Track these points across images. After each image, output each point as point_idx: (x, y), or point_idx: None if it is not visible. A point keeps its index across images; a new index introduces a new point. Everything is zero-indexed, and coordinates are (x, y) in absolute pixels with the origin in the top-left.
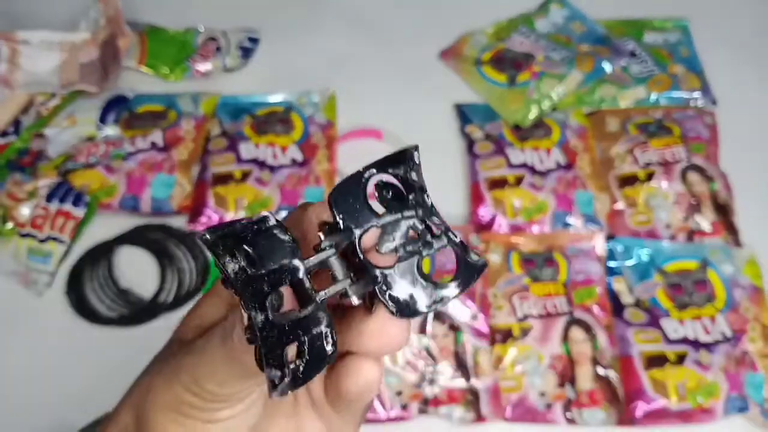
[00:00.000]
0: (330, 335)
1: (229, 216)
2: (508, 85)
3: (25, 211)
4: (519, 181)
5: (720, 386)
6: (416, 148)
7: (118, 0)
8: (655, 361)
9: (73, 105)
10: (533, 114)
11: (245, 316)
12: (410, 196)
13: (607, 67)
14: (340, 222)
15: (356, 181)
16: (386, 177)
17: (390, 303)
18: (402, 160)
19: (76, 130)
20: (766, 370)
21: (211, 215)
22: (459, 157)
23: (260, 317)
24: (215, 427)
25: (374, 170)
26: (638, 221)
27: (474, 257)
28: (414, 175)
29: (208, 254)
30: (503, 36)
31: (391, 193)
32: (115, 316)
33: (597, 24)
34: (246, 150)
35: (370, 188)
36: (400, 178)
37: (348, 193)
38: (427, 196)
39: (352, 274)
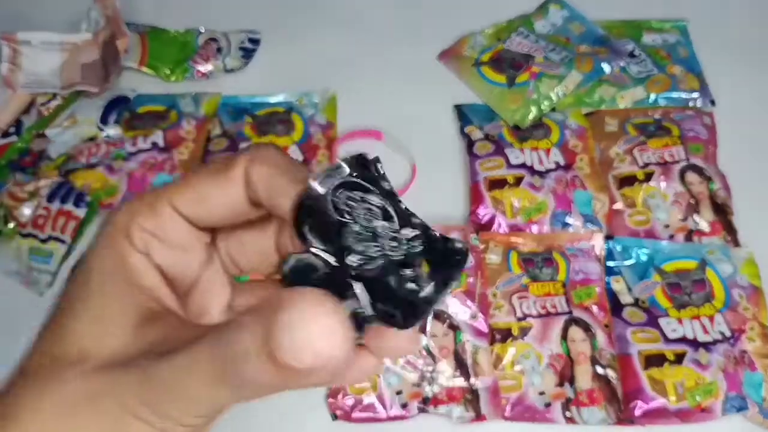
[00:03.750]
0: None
1: None
2: (507, 86)
3: (26, 211)
4: (518, 181)
5: (719, 385)
6: (377, 159)
7: (116, 0)
8: (654, 360)
9: (74, 105)
10: (532, 114)
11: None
12: (377, 198)
13: (606, 67)
14: (325, 255)
15: (323, 195)
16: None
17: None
18: (365, 163)
19: (78, 130)
20: (765, 370)
21: None
22: (459, 157)
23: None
24: None
25: (341, 177)
26: (637, 221)
27: (457, 245)
28: (381, 177)
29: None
30: (502, 37)
31: (358, 194)
32: None
33: (596, 25)
34: None
35: (339, 201)
36: (366, 179)
37: (315, 212)
38: (399, 199)
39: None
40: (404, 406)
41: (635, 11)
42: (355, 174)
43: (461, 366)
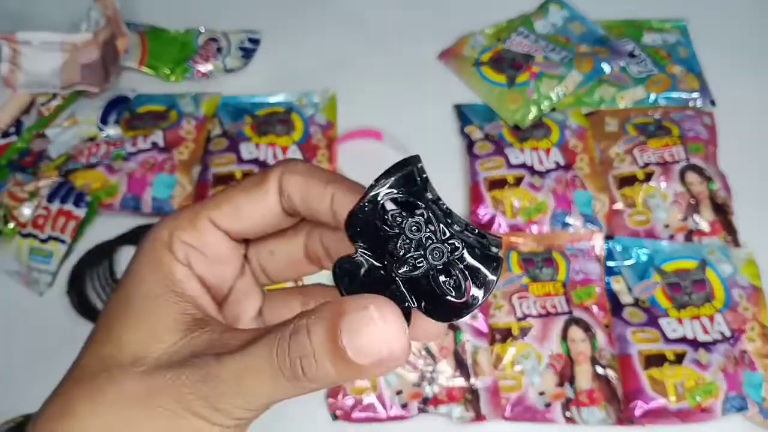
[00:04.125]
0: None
1: None
2: (507, 86)
3: (26, 211)
4: (518, 181)
5: (719, 385)
6: (418, 159)
7: (116, 0)
8: (654, 360)
9: (74, 105)
10: (532, 114)
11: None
12: (422, 210)
13: (606, 67)
14: (372, 260)
15: (372, 209)
16: (397, 196)
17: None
18: (410, 175)
19: (78, 130)
20: (765, 370)
21: None
22: (459, 157)
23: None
24: None
25: (387, 193)
26: (637, 221)
27: (493, 249)
28: (424, 187)
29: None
30: (502, 37)
31: (404, 210)
32: None
33: (596, 25)
34: (247, 150)
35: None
36: (411, 194)
37: (365, 223)
38: (442, 203)
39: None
40: (404, 406)
41: (635, 11)
42: (402, 189)
43: (461, 366)
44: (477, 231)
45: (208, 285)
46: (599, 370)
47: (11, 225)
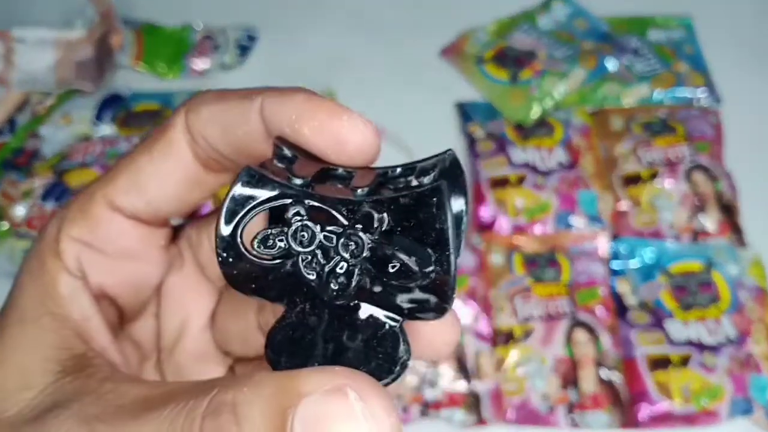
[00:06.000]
0: None
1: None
2: (510, 83)
3: (20, 211)
4: (521, 180)
5: (724, 388)
6: (249, 168)
7: None
8: (659, 363)
9: (68, 104)
10: (535, 112)
11: None
12: (288, 201)
13: (611, 64)
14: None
15: (236, 254)
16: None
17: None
18: (246, 174)
19: (72, 129)
20: None
21: None
22: (460, 156)
23: None
24: None
25: (239, 220)
26: (642, 221)
27: (423, 181)
28: (293, 180)
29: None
30: (505, 33)
31: (273, 223)
32: None
33: (600, 21)
34: None
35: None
36: (275, 197)
37: (248, 274)
38: (331, 170)
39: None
40: (405, 410)
41: (640, 7)
42: (257, 201)
43: (463, 369)
44: (399, 170)
45: (114, 295)
46: (603, 373)
47: (5, 225)
